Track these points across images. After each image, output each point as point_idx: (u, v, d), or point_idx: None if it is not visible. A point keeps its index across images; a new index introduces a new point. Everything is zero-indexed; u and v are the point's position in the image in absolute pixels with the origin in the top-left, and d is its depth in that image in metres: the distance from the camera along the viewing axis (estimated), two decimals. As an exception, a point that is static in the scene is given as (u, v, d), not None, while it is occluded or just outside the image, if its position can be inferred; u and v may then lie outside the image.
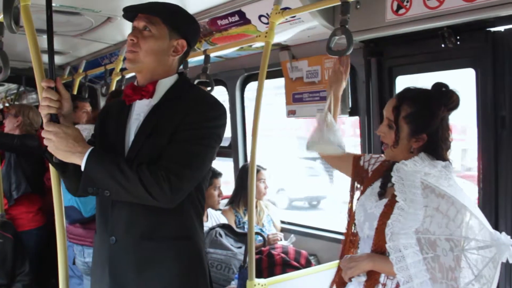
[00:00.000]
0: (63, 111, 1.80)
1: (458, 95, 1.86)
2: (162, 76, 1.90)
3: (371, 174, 2.10)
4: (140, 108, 1.89)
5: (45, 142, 1.75)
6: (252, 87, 4.11)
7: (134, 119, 1.88)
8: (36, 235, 3.74)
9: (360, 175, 2.16)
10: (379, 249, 1.83)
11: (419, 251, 1.69)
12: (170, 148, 1.77)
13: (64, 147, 1.73)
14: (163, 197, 1.72)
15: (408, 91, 1.92)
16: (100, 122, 2.02)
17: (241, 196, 3.77)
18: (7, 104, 7.31)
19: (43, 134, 1.75)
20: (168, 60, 1.90)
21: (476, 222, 1.73)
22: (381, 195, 1.94)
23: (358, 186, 2.16)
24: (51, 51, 1.79)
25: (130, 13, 1.89)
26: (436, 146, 1.86)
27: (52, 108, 1.77)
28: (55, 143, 1.73)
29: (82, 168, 1.72)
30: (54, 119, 1.77)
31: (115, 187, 1.72)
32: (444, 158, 1.87)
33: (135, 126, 1.87)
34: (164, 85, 1.90)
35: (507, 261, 1.72)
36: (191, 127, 1.79)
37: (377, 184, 2.00)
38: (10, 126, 3.90)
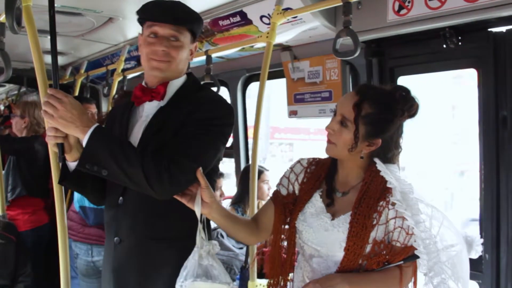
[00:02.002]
0: (70, 141, 1.78)
1: (418, 103, 1.76)
2: (173, 77, 1.91)
3: (302, 188, 1.88)
4: (150, 110, 1.89)
5: (47, 109, 1.69)
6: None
7: (143, 120, 1.89)
8: (32, 236, 3.73)
9: (287, 208, 1.88)
10: (348, 268, 1.68)
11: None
12: (175, 141, 1.76)
13: (68, 118, 1.68)
14: (160, 186, 1.68)
15: (370, 88, 1.78)
16: (108, 125, 2.04)
17: (246, 197, 3.76)
18: (1, 106, 7.29)
19: (47, 98, 1.70)
20: (186, 64, 1.93)
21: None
22: (329, 205, 1.78)
23: (288, 220, 1.87)
24: (54, 51, 1.78)
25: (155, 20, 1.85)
26: (388, 152, 1.76)
27: (59, 138, 1.76)
28: (59, 112, 1.67)
29: (84, 143, 1.69)
30: (61, 147, 1.77)
31: (114, 167, 1.68)
32: (394, 162, 1.78)
33: (143, 126, 1.87)
34: (174, 86, 1.91)
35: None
36: (198, 123, 1.78)
37: (316, 197, 1.82)
38: (18, 127, 3.88)
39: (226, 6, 3.00)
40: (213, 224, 3.56)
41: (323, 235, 1.75)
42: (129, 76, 4.15)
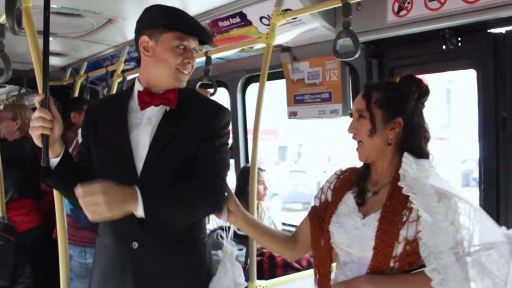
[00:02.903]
0: (55, 133, 1.75)
1: (426, 83, 1.77)
2: None
3: (334, 192, 1.88)
4: (152, 113, 1.89)
5: (93, 208, 1.62)
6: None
7: (145, 123, 1.88)
8: (30, 237, 3.74)
9: (321, 218, 1.89)
10: (378, 271, 1.64)
11: (460, 268, 1.53)
12: (205, 157, 1.86)
13: (116, 200, 1.64)
14: (219, 202, 1.85)
15: (376, 82, 1.84)
16: (92, 126, 1.95)
17: (242, 197, 3.75)
18: (1, 107, 7.29)
19: (82, 198, 1.63)
20: None
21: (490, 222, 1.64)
22: (360, 205, 1.76)
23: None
24: (46, 52, 1.77)
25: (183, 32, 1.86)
26: (415, 133, 1.72)
27: (46, 128, 1.72)
28: (107, 201, 1.62)
29: (141, 212, 1.68)
30: (46, 139, 1.72)
31: (181, 217, 1.81)
32: (426, 154, 1.73)
33: (147, 130, 1.87)
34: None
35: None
36: (217, 135, 1.89)
37: (349, 198, 1.81)
38: (10, 129, 3.92)
39: (225, 7, 3.00)
40: (212, 226, 3.56)
41: (353, 235, 1.72)
42: (129, 77, 4.14)
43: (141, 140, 1.85)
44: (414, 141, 1.73)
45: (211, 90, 3.39)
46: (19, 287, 3.27)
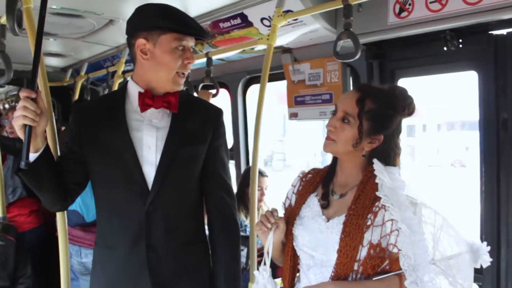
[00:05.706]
0: (39, 127, 1.67)
1: (415, 102, 1.75)
2: None
3: (299, 195, 1.86)
4: (152, 114, 1.86)
5: None
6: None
7: (147, 124, 1.86)
8: (31, 237, 3.76)
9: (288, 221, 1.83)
10: (342, 274, 1.62)
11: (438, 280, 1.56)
12: (218, 164, 1.96)
13: None
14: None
15: (370, 87, 1.77)
16: (83, 128, 1.88)
17: (241, 199, 3.75)
18: (7, 106, 7.31)
19: None
20: None
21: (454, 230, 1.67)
22: (324, 208, 1.74)
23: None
24: (37, 53, 1.71)
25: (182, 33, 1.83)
26: (390, 151, 1.73)
27: (28, 119, 1.62)
28: None
29: None
30: (28, 132, 1.63)
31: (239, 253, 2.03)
32: (395, 164, 1.74)
33: (151, 131, 1.85)
34: None
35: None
36: (223, 140, 1.98)
37: (313, 200, 1.79)
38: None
39: (227, 8, 3.00)
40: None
41: (317, 238, 1.70)
42: (130, 78, 4.15)
43: (146, 142, 1.83)
44: (388, 157, 1.73)
45: (213, 91, 3.40)
46: (20, 287, 3.28)
